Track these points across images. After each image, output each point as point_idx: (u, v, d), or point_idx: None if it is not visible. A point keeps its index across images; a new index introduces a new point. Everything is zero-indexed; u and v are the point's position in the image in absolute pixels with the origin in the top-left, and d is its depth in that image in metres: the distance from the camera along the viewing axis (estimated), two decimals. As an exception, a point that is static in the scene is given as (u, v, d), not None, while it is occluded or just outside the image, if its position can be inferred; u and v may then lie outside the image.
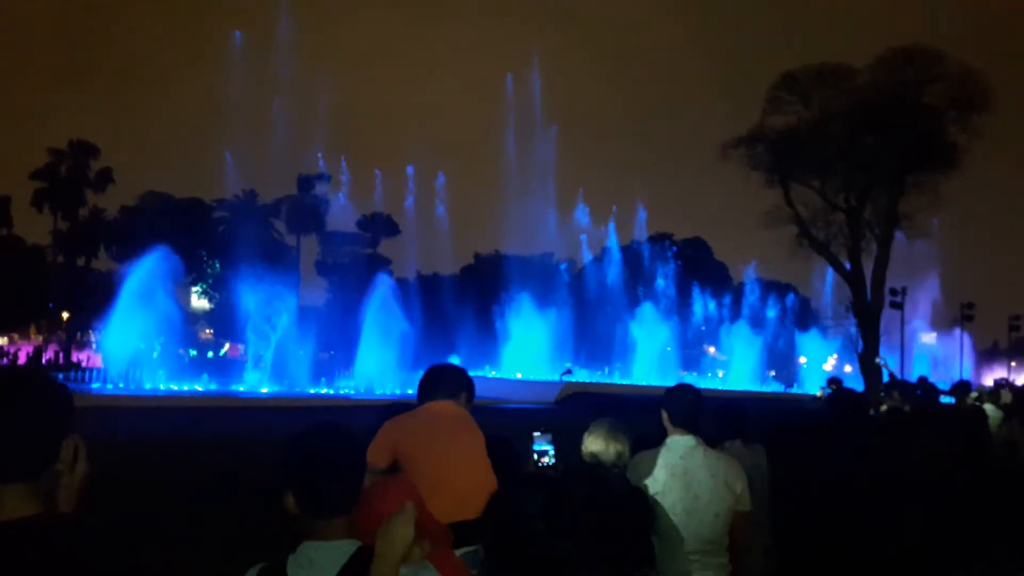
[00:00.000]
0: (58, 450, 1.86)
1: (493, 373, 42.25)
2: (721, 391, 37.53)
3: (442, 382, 3.57)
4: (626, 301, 49.74)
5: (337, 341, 44.32)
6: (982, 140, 36.12)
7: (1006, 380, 28.64)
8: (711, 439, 4.07)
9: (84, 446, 1.94)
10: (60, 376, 32.36)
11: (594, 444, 3.84)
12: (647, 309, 48.78)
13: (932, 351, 57.43)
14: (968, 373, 52.54)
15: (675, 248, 59.14)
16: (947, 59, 35.71)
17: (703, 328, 56.32)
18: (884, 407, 8.44)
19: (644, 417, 5.16)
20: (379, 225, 59.53)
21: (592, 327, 48.20)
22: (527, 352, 43.85)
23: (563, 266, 54.18)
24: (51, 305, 52.19)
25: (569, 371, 41.95)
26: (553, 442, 3.73)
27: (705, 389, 4.34)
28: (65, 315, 52.49)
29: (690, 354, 54.36)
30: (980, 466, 5.02)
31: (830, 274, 49.19)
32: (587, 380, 40.58)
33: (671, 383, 4.91)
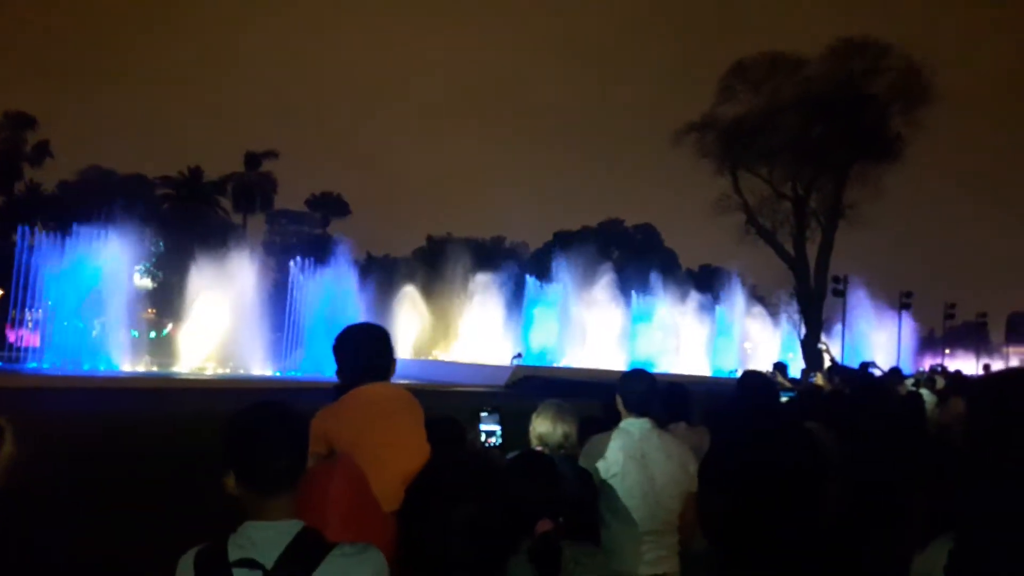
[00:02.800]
0: None
1: (441, 357, 42.24)
2: (668, 375, 38.11)
3: (370, 355, 3.19)
4: (578, 285, 50.04)
5: (285, 323, 43.71)
6: (924, 132, 37.18)
7: (941, 366, 29.72)
8: (658, 421, 4.12)
9: (11, 427, 1.87)
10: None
11: (541, 425, 3.87)
12: (598, 293, 49.19)
13: (872, 339, 59.10)
14: (908, 360, 54.29)
15: (626, 233, 59.72)
16: (893, 51, 36.58)
17: (652, 313, 57.00)
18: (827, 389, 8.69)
19: (595, 400, 5.20)
20: (329, 205, 58.80)
21: (542, 311, 48.42)
22: (479, 336, 43.89)
23: (515, 248, 54.26)
24: (-16, 282, 50.28)
25: (520, 355, 42.14)
26: (500, 422, 3.72)
27: (655, 373, 4.37)
28: (-1, 292, 50.65)
29: (639, 339, 54.99)
30: (914, 448, 5.17)
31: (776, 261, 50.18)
32: (537, 364, 40.80)
33: (621, 367, 4.96)
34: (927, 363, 48.31)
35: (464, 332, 47.90)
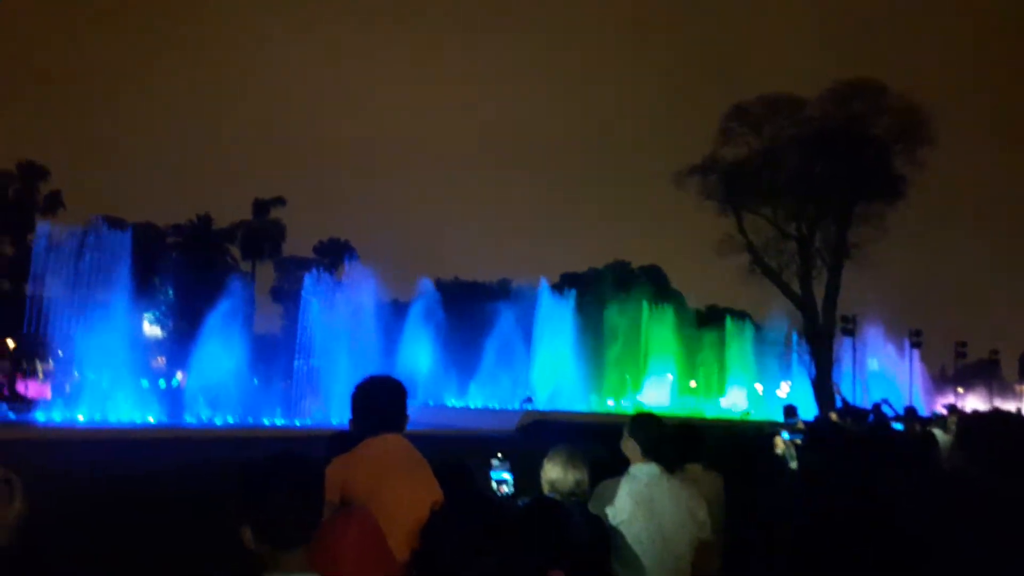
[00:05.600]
0: None
1: (453, 402, 42.06)
2: (680, 416, 37.79)
3: (386, 408, 3.28)
4: (585, 327, 49.93)
5: (295, 369, 43.70)
6: (927, 171, 37.32)
7: (952, 405, 29.39)
8: (671, 462, 4.12)
9: (20, 483, 1.87)
10: (3, 407, 31.35)
11: (553, 472, 3.86)
12: (604, 335, 49.06)
13: (882, 377, 58.60)
14: (920, 399, 53.75)
15: (631, 275, 59.72)
16: (891, 93, 36.97)
17: (662, 354, 56.73)
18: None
19: (605, 445, 5.20)
20: (337, 251, 59.09)
21: (552, 354, 48.27)
22: (489, 379, 43.74)
23: (523, 292, 54.31)
24: (-5, 333, 50.54)
25: (530, 399, 41.90)
26: (512, 469, 3.73)
27: (665, 415, 4.39)
28: (11, 343, 50.85)
29: (649, 381, 54.67)
30: (925, 492, 5.13)
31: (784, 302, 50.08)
32: (547, 408, 40.55)
33: (631, 411, 4.98)
34: (939, 402, 47.82)
35: (473, 376, 47.74)
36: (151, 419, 31.28)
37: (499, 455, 3.76)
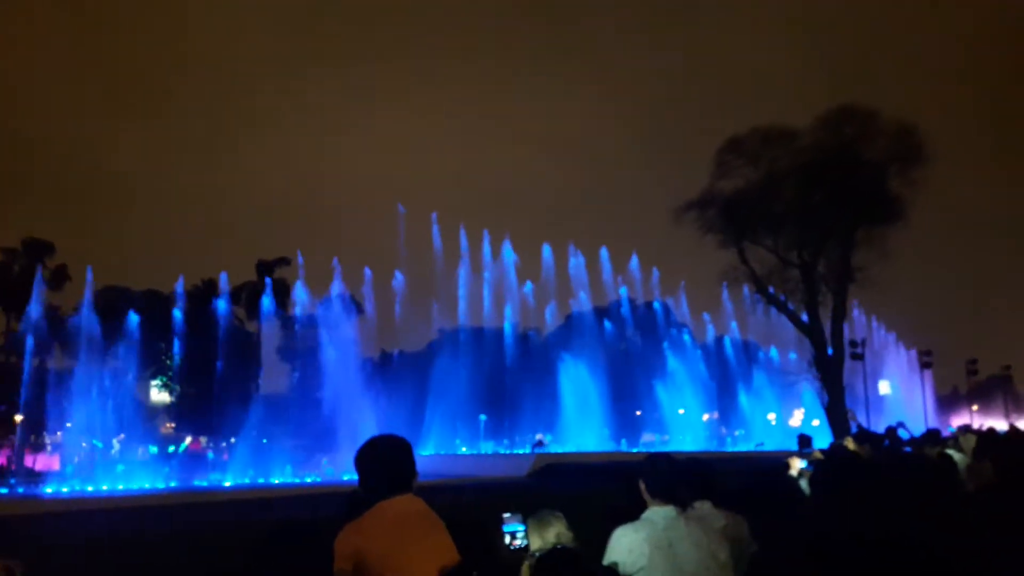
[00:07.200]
0: None
1: (463, 449, 41.75)
2: (690, 452, 37.41)
3: (393, 468, 3.21)
4: (594, 367, 49.75)
5: (303, 427, 43.53)
6: (926, 192, 37.36)
7: (967, 426, 29.06)
8: (680, 500, 4.03)
9: (21, 567, 1.82)
10: (12, 482, 31.17)
11: (535, 543, 3.88)
12: (613, 374, 48.84)
13: (894, 400, 58.15)
14: (934, 419, 53.22)
15: (638, 311, 59.68)
16: (882, 116, 37.25)
17: (671, 391, 56.45)
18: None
19: (618, 485, 5.12)
20: (342, 306, 59.22)
21: (558, 395, 48.05)
22: (502, 425, 43.47)
23: (527, 336, 54.26)
24: (2, 408, 50.48)
25: (541, 443, 41.54)
26: (524, 522, 3.70)
27: (675, 451, 4.34)
28: (18, 418, 50.74)
29: (656, 417, 54.29)
30: (943, 516, 5.05)
31: (790, 329, 49.95)
32: (558, 451, 40.20)
33: (643, 450, 4.92)
34: (955, 421, 47.32)
35: (481, 422, 47.44)
36: (160, 485, 31.05)
37: (511, 509, 3.74)
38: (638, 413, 52.63)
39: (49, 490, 29.79)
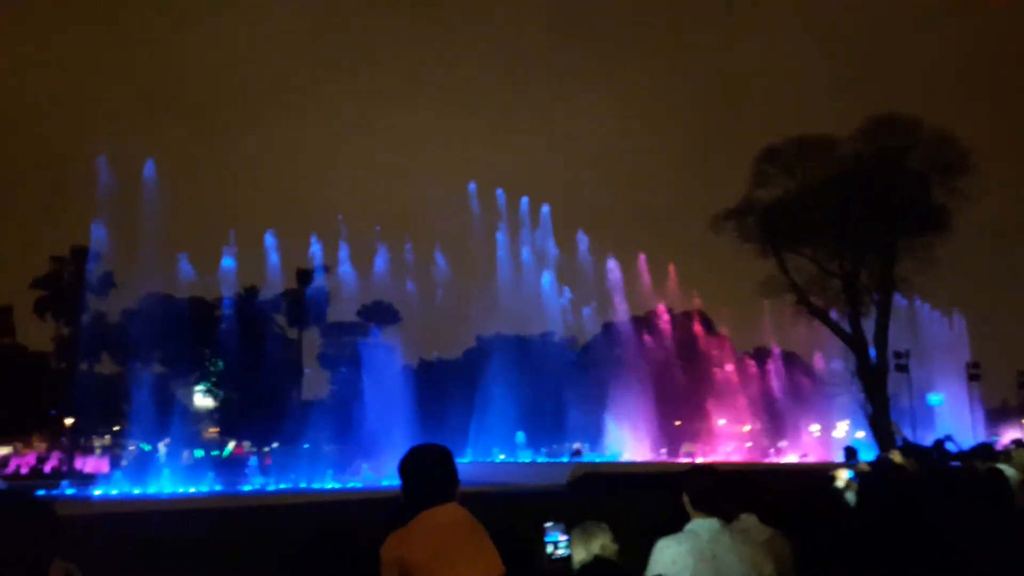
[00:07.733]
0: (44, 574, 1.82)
1: (502, 457, 41.78)
2: (732, 463, 36.99)
3: (437, 478, 3.21)
4: (634, 376, 49.42)
5: (344, 433, 44.02)
6: (970, 201, 36.48)
7: (1021, 440, 28.25)
8: (724, 513, 4.02)
9: (78, 573, 1.88)
10: (64, 483, 32.04)
11: (577, 556, 3.87)
12: (653, 384, 48.47)
13: (942, 412, 56.78)
14: (983, 433, 51.88)
15: (677, 321, 59.17)
16: (924, 126, 36.59)
17: (712, 400, 55.83)
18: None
19: (658, 495, 5.15)
20: (381, 314, 59.74)
21: (599, 405, 47.83)
22: (539, 433, 43.41)
23: (566, 344, 54.18)
24: (53, 412, 51.89)
25: (579, 452, 41.37)
26: (566, 532, 3.71)
27: (718, 462, 4.33)
28: (68, 421, 52.11)
29: (696, 428, 53.75)
30: (994, 531, 5.00)
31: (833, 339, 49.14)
32: (597, 459, 40.03)
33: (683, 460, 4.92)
34: (1005, 435, 46.05)
35: (521, 431, 47.42)
36: (205, 489, 31.64)
37: (552, 519, 3.75)
38: (678, 424, 52.15)
39: (98, 492, 30.53)
